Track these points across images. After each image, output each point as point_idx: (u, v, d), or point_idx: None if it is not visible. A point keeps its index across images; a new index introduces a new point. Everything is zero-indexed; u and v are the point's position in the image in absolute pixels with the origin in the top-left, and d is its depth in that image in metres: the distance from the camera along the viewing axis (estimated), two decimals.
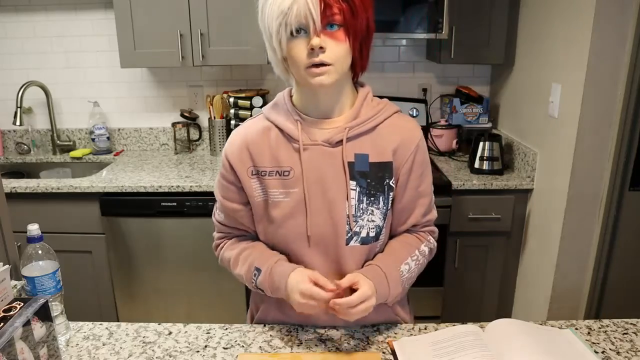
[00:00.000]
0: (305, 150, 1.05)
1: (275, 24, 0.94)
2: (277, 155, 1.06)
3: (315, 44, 0.93)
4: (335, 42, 0.95)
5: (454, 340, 1.04)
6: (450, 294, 2.35)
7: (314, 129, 1.06)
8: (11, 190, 2.17)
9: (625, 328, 1.13)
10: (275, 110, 1.10)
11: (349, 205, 1.05)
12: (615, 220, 1.88)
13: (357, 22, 0.96)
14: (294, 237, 1.07)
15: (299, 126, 1.05)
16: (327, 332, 1.12)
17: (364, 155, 1.05)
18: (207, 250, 2.24)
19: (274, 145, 1.07)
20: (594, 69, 1.75)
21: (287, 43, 0.96)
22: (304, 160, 1.05)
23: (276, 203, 1.06)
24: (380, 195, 1.07)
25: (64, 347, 1.07)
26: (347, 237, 1.06)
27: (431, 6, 2.19)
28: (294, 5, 0.91)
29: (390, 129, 1.08)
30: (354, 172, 1.05)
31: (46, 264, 1.06)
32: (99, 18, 2.60)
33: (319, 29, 0.93)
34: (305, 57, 0.95)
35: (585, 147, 1.83)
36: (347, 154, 1.04)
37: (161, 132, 2.77)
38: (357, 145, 1.05)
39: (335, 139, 1.04)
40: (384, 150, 1.06)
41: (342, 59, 0.97)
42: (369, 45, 1.03)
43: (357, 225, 1.06)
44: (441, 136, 2.56)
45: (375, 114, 1.07)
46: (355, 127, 1.05)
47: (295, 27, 0.93)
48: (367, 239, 1.07)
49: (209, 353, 1.06)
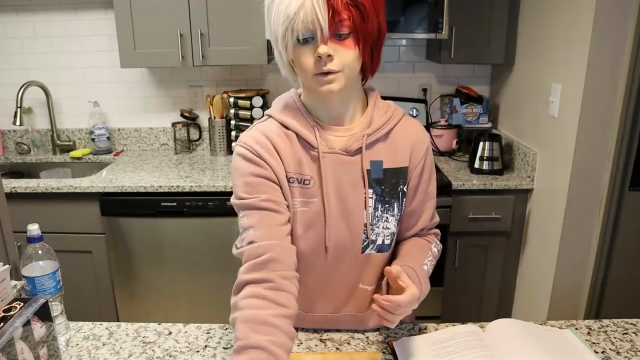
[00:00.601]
0: (323, 158, 1.00)
1: (281, 28, 0.89)
2: (299, 162, 1.00)
3: (322, 52, 0.88)
4: (344, 48, 0.90)
5: (454, 340, 1.05)
6: (450, 294, 2.35)
7: (329, 136, 1.01)
8: (11, 190, 2.17)
9: (625, 328, 1.13)
10: (288, 114, 1.02)
11: (367, 214, 1.03)
12: (615, 220, 1.88)
13: (367, 27, 0.90)
14: (312, 248, 1.03)
15: (317, 133, 1.00)
16: (327, 332, 1.12)
17: (379, 162, 1.03)
18: (207, 250, 2.25)
19: (295, 150, 1.00)
20: (594, 69, 1.75)
21: (294, 49, 0.91)
22: (323, 169, 1.00)
23: (294, 213, 1.01)
24: (395, 202, 1.05)
25: (64, 347, 1.07)
26: (364, 246, 1.05)
27: (431, 6, 2.19)
28: (301, 11, 0.86)
29: (401, 134, 1.05)
30: (370, 179, 1.02)
31: (46, 264, 1.06)
32: (99, 18, 2.60)
33: (327, 37, 0.88)
34: (313, 65, 0.91)
35: (585, 147, 1.83)
36: (365, 162, 1.02)
37: (161, 132, 2.77)
38: (373, 152, 1.03)
39: (353, 147, 1.00)
40: (397, 156, 1.04)
41: (352, 64, 0.92)
42: (380, 49, 0.98)
43: (373, 234, 1.04)
44: (441, 136, 2.56)
45: (387, 119, 1.04)
46: (372, 135, 1.02)
47: (302, 33, 0.88)
48: (382, 246, 1.06)
49: (209, 353, 1.06)
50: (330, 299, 1.11)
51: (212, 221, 2.20)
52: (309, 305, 1.11)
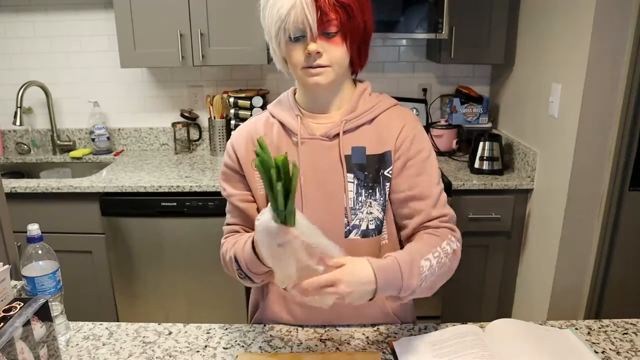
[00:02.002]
0: (303, 143, 1.07)
1: (274, 28, 0.97)
2: (278, 149, 1.07)
3: (312, 50, 0.96)
4: (333, 45, 0.98)
5: (454, 340, 1.05)
6: (450, 294, 2.35)
7: (312, 123, 1.08)
8: (11, 190, 2.17)
9: (625, 328, 1.13)
10: (278, 106, 1.13)
11: (347, 198, 1.05)
12: (615, 220, 1.88)
13: (354, 26, 0.98)
14: None
15: (299, 120, 1.08)
16: (327, 332, 1.12)
17: (361, 148, 1.06)
18: (207, 250, 2.25)
19: (275, 138, 1.09)
20: (594, 69, 1.75)
21: (286, 46, 0.99)
22: (301, 154, 1.06)
23: None
24: (377, 186, 1.07)
25: (64, 347, 1.07)
26: (346, 230, 1.06)
27: (431, 6, 2.19)
28: (292, 12, 0.93)
29: (387, 120, 1.08)
30: (351, 164, 1.06)
31: (46, 264, 1.06)
32: (99, 18, 2.60)
33: (316, 35, 0.96)
34: (303, 61, 0.99)
35: (585, 147, 1.83)
36: (343, 147, 1.06)
37: (161, 132, 2.77)
38: (354, 138, 1.07)
39: (332, 132, 1.06)
40: (381, 142, 1.07)
41: (340, 61, 1.00)
42: (367, 45, 1.05)
43: (356, 218, 1.06)
44: (441, 136, 2.56)
45: (372, 106, 1.08)
46: (352, 120, 1.06)
47: (293, 31, 0.96)
48: (367, 231, 1.07)
49: (209, 353, 1.06)
50: None
51: (212, 221, 2.20)
52: None
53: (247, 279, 1.05)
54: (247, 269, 1.01)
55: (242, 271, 1.04)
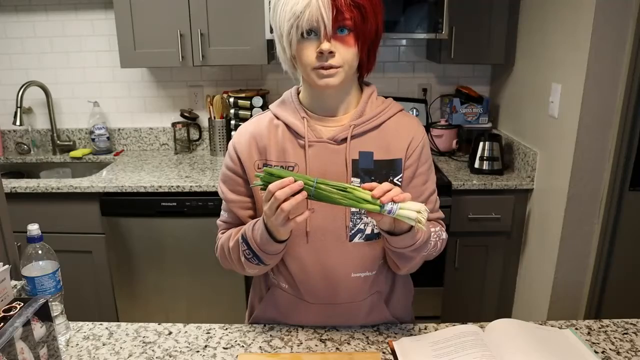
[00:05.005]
0: (310, 147, 1.06)
1: (286, 25, 0.96)
2: (283, 150, 1.07)
3: (325, 49, 0.95)
4: (345, 46, 0.97)
5: (454, 340, 1.05)
6: (450, 294, 2.35)
7: (319, 126, 1.07)
8: (11, 190, 2.17)
9: (625, 328, 1.13)
10: (282, 107, 1.11)
11: None
12: (615, 220, 1.88)
13: (367, 28, 0.97)
14: (293, 232, 1.05)
15: (305, 123, 1.06)
16: (327, 332, 1.12)
17: (369, 153, 1.06)
18: (207, 250, 2.24)
19: (280, 140, 1.07)
20: (594, 69, 1.75)
21: (297, 44, 0.98)
22: (308, 157, 1.05)
23: None
24: None
25: (64, 347, 1.07)
26: (351, 234, 1.07)
27: (431, 6, 2.19)
28: (307, 9, 0.92)
29: (395, 126, 1.09)
30: (358, 169, 1.06)
31: (46, 264, 1.06)
32: (99, 18, 2.60)
33: (330, 34, 0.94)
34: (314, 60, 0.97)
35: (585, 147, 1.83)
36: (351, 151, 1.05)
37: (161, 132, 2.77)
38: (362, 142, 1.06)
39: (340, 136, 1.06)
40: (389, 148, 1.07)
41: (350, 61, 0.99)
42: (376, 49, 1.05)
43: (360, 222, 1.06)
44: (441, 136, 2.57)
45: (380, 112, 1.08)
46: (360, 125, 1.06)
47: (307, 29, 0.95)
48: (371, 235, 1.08)
49: (209, 353, 1.06)
50: (322, 287, 1.10)
51: (212, 221, 2.16)
52: (303, 291, 1.11)
53: (254, 259, 1.04)
54: (259, 249, 1.01)
55: (251, 250, 1.02)
